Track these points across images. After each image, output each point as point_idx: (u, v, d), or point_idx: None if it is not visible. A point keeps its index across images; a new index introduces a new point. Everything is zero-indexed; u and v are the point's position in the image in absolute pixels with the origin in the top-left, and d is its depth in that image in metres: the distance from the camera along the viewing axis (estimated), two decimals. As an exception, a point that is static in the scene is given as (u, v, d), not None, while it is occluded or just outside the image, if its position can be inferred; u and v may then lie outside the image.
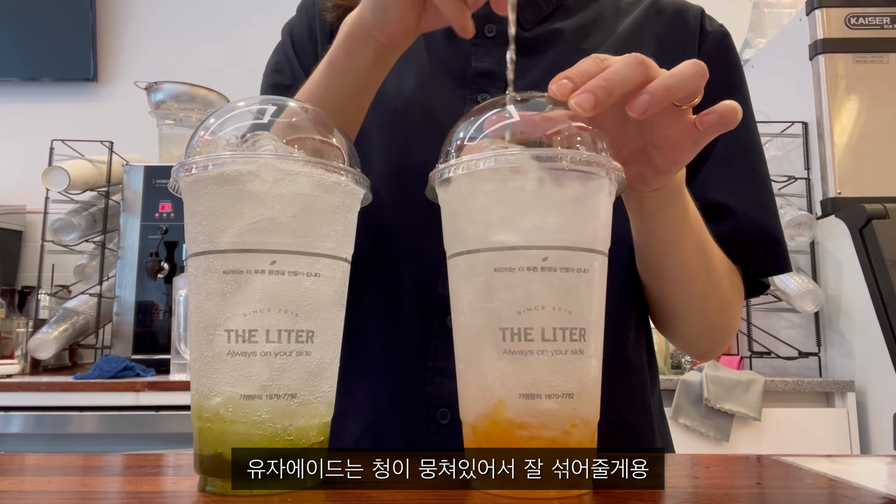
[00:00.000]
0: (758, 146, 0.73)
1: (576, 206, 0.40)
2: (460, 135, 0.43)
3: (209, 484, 0.40)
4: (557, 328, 0.38)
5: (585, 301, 0.40)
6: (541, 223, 0.39)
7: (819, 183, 1.89)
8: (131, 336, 1.98)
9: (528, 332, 0.38)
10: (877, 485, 0.45)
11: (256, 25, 2.76)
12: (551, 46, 0.70)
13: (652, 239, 0.60)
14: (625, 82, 0.41)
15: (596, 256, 0.41)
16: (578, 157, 0.39)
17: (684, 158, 0.47)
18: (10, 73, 2.69)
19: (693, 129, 0.45)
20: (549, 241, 0.39)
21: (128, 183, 2.07)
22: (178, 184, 0.42)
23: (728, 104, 0.44)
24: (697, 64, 0.43)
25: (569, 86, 0.41)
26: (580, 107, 0.40)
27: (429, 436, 0.64)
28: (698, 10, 0.75)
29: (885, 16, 0.88)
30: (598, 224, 0.41)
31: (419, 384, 0.64)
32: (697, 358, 0.88)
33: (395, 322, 0.67)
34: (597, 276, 0.41)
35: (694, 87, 0.43)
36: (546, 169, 0.39)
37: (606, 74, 0.41)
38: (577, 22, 0.72)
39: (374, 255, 0.68)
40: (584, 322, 0.39)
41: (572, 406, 0.39)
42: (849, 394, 1.89)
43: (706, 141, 0.46)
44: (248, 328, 0.39)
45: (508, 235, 0.39)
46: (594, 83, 0.40)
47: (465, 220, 0.41)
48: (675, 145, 0.46)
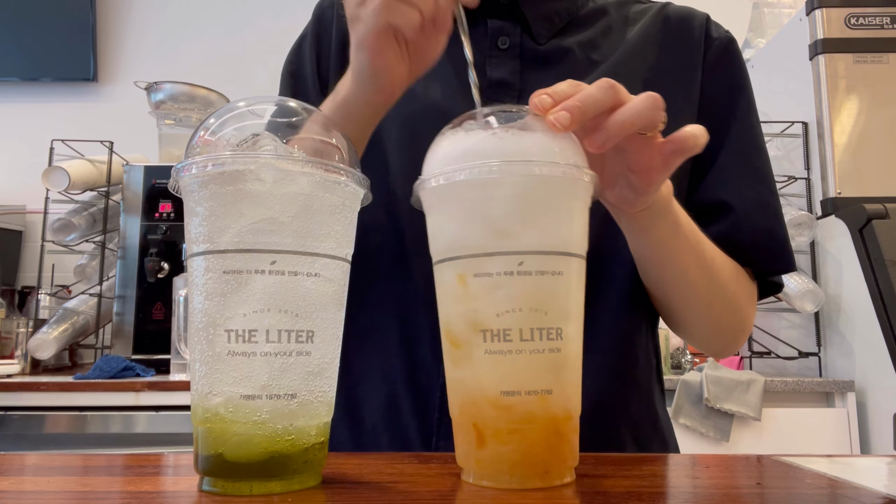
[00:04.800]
0: (762, 149, 0.74)
1: (551, 211, 0.42)
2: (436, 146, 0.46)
3: (209, 484, 0.40)
4: (535, 328, 0.41)
5: (562, 302, 0.42)
6: (516, 229, 0.41)
7: (819, 183, 1.89)
8: (131, 336, 1.98)
9: (507, 333, 0.40)
10: (877, 485, 0.45)
11: (257, 26, 2.76)
12: (564, 59, 0.72)
13: (648, 253, 0.62)
14: (597, 104, 0.44)
15: (572, 259, 0.42)
16: (552, 166, 0.41)
17: (658, 180, 0.50)
18: (10, 73, 2.69)
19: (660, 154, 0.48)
20: (524, 245, 0.41)
21: (128, 183, 2.07)
22: (178, 184, 0.42)
23: (686, 132, 0.47)
24: (651, 97, 0.45)
25: (548, 101, 0.43)
26: (558, 122, 0.42)
27: (443, 424, 0.65)
28: (703, 16, 0.77)
29: (885, 16, 0.88)
30: (574, 228, 0.43)
31: (433, 374, 0.66)
32: (713, 356, 0.90)
33: (411, 314, 0.69)
34: (573, 277, 0.43)
35: (649, 119, 0.45)
36: (521, 176, 0.41)
37: (581, 96, 0.44)
38: (587, 35, 0.74)
39: (390, 251, 0.70)
40: (560, 322, 0.41)
41: (551, 401, 0.41)
42: (849, 394, 1.89)
43: (675, 164, 0.49)
44: (249, 328, 0.39)
45: (486, 242, 0.41)
46: (570, 103, 0.43)
47: (447, 228, 0.43)
48: (646, 169, 0.49)
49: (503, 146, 0.42)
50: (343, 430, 0.70)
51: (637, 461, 0.51)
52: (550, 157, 0.42)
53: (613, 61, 0.72)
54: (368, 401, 0.70)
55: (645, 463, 0.51)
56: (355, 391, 0.70)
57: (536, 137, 0.42)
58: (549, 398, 0.41)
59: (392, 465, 0.48)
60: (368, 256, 0.69)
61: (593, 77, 0.71)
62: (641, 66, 0.73)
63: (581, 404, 0.44)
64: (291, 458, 0.39)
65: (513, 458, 0.41)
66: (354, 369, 0.71)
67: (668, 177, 0.50)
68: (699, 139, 0.47)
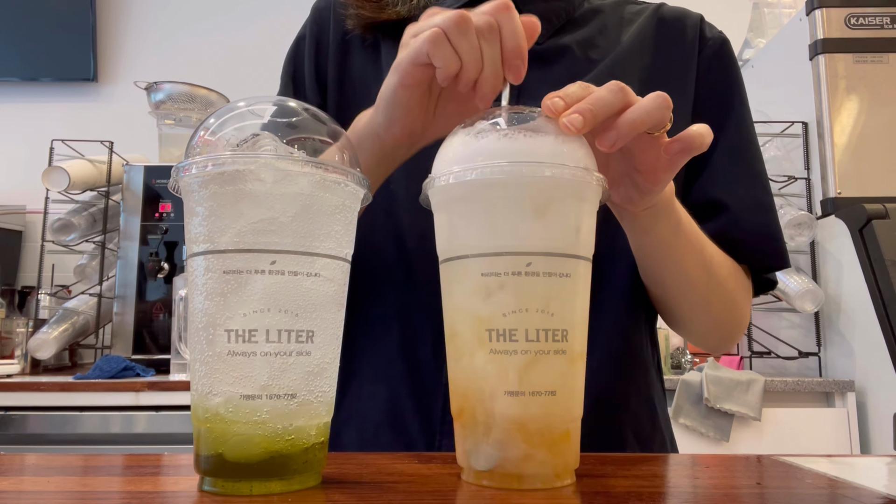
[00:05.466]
0: (755, 147, 0.75)
1: (560, 213, 0.42)
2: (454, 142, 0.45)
3: (209, 484, 0.40)
4: (541, 329, 0.41)
5: (568, 304, 0.42)
6: (525, 230, 0.41)
7: (819, 183, 1.89)
8: (131, 336, 1.98)
9: (513, 334, 0.41)
10: (877, 485, 0.45)
11: (257, 25, 2.77)
12: (561, 59, 0.73)
13: (649, 252, 0.63)
14: (608, 107, 0.44)
15: (579, 262, 0.43)
16: (561, 168, 0.41)
17: (664, 180, 0.50)
18: (10, 73, 2.69)
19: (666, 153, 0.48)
20: (532, 247, 0.41)
21: (128, 183, 2.07)
22: (178, 184, 0.42)
23: (692, 131, 0.48)
24: (660, 96, 0.46)
25: (561, 104, 0.44)
26: (571, 124, 0.43)
27: (445, 425, 0.65)
28: (698, 17, 0.78)
29: (885, 16, 0.88)
30: (582, 231, 0.43)
31: (435, 374, 0.67)
32: (711, 351, 0.91)
33: (412, 315, 0.69)
34: (580, 280, 0.43)
35: (658, 118, 0.46)
36: (531, 178, 0.41)
37: (592, 99, 0.44)
38: (584, 35, 0.75)
39: (391, 251, 0.70)
40: (566, 324, 0.42)
41: (555, 403, 0.41)
42: (849, 394, 1.89)
43: (681, 163, 0.49)
44: (248, 328, 0.39)
45: (495, 242, 0.41)
46: (582, 106, 0.43)
47: (455, 227, 0.43)
48: (652, 168, 0.49)
49: (513, 147, 0.42)
50: (346, 431, 0.70)
51: (637, 461, 0.51)
52: (560, 159, 0.42)
53: (611, 60, 0.73)
54: (371, 402, 0.70)
55: (645, 463, 0.51)
56: (358, 392, 0.71)
57: (547, 139, 0.42)
58: (552, 399, 0.41)
59: (392, 465, 0.48)
60: (370, 257, 0.69)
61: (591, 76, 0.71)
62: (637, 66, 0.73)
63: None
64: (291, 458, 0.39)
65: (514, 459, 0.41)
66: (357, 370, 0.71)
67: (673, 176, 0.51)
68: (705, 138, 0.48)
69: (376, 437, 0.69)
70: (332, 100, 0.76)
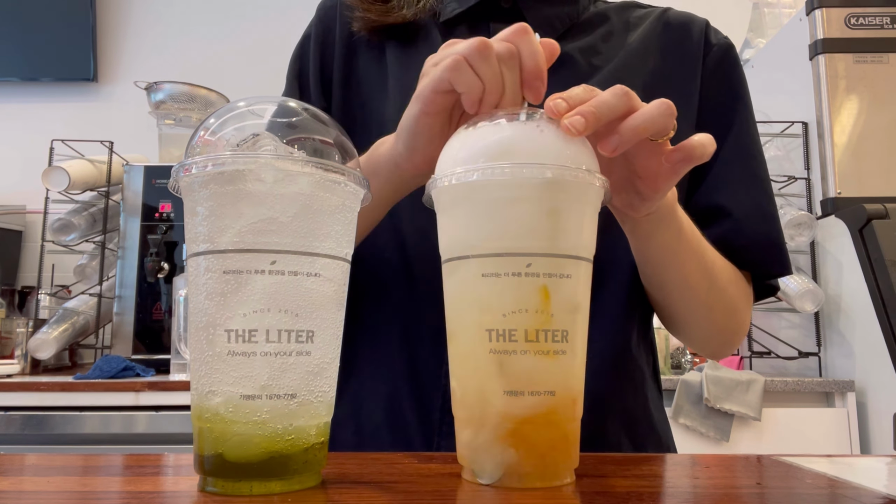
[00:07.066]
0: (759, 153, 0.75)
1: (561, 214, 0.42)
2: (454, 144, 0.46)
3: (209, 484, 0.40)
4: (540, 330, 0.41)
5: (569, 305, 0.42)
6: (526, 231, 0.41)
7: (819, 183, 1.89)
8: (131, 336, 1.98)
9: (513, 334, 0.41)
10: (877, 485, 0.45)
11: (257, 25, 2.77)
12: (565, 64, 0.72)
13: (650, 257, 0.63)
14: (611, 110, 0.44)
15: (580, 263, 0.43)
16: (564, 169, 0.41)
17: (665, 187, 0.50)
18: (10, 73, 2.69)
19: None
20: (533, 248, 0.41)
21: (128, 183, 2.07)
22: (178, 184, 0.42)
23: (694, 141, 0.47)
24: (665, 103, 0.45)
25: (563, 106, 0.43)
26: (573, 126, 0.42)
27: (444, 425, 0.66)
28: (703, 22, 0.77)
29: (885, 16, 0.88)
30: (584, 232, 0.43)
31: (435, 374, 0.67)
32: (709, 357, 0.91)
33: (412, 315, 0.69)
34: (581, 281, 0.43)
35: (662, 125, 0.45)
36: (533, 179, 0.41)
37: (595, 102, 0.44)
38: (588, 41, 0.75)
39: (391, 251, 0.70)
40: (567, 325, 0.42)
41: (555, 403, 0.41)
42: (849, 394, 1.89)
43: (682, 172, 0.49)
44: (248, 328, 0.39)
45: (496, 242, 0.41)
46: (585, 108, 0.43)
47: (457, 227, 0.44)
48: (654, 175, 0.49)
49: (516, 149, 0.42)
50: (346, 431, 0.70)
51: (637, 461, 0.51)
52: (563, 160, 0.42)
53: (614, 66, 0.72)
54: (370, 401, 0.70)
55: (645, 463, 0.51)
56: (358, 392, 0.71)
57: (550, 141, 0.42)
58: (552, 399, 0.41)
59: (392, 465, 0.48)
60: (370, 257, 0.69)
61: (595, 80, 0.71)
62: (642, 71, 0.73)
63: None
64: (291, 458, 0.39)
65: (514, 458, 0.41)
66: (357, 370, 0.71)
67: (674, 184, 0.50)
68: (707, 148, 0.48)
69: (376, 437, 0.69)
70: (337, 99, 0.76)
